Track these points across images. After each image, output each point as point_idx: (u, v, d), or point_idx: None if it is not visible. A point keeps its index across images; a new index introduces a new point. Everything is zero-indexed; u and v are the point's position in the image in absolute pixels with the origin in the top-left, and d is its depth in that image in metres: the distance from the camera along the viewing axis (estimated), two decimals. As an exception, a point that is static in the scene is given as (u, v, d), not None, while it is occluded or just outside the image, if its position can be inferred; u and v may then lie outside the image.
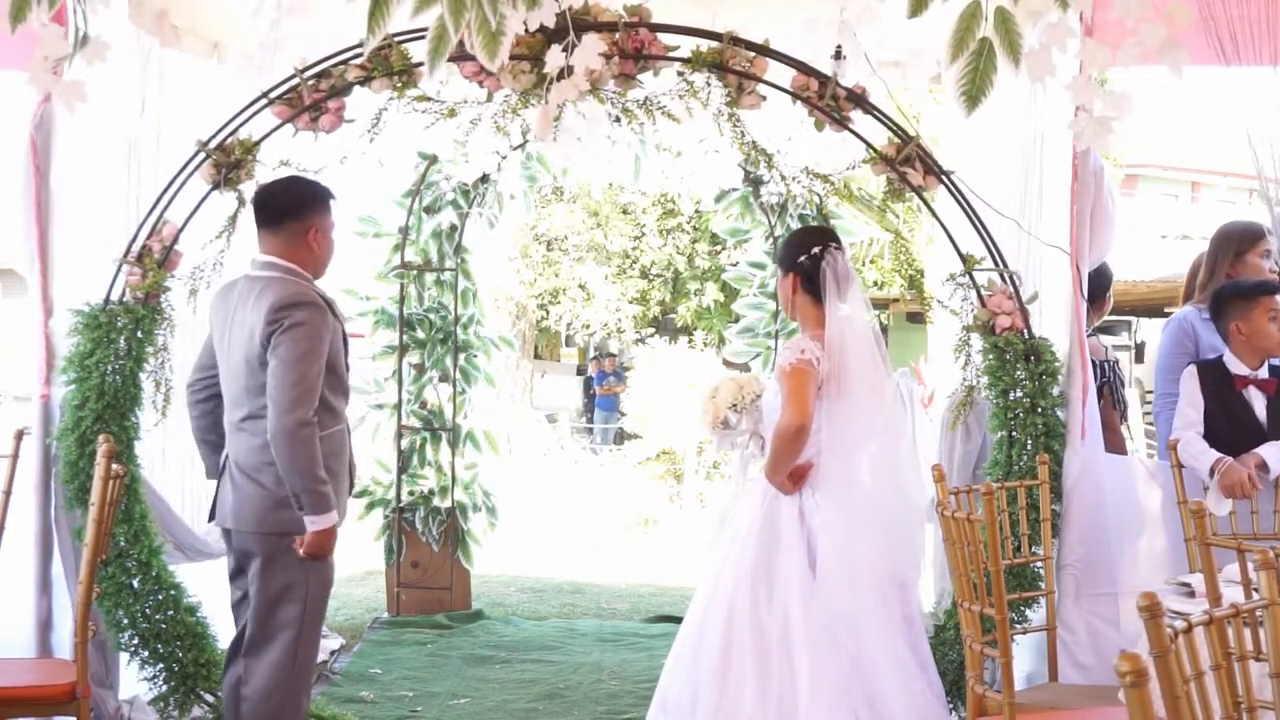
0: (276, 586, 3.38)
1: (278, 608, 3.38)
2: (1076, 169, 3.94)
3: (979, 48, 2.44)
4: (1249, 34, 3.51)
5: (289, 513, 3.32)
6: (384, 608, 6.31)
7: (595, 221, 17.29)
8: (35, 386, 4.01)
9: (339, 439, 3.47)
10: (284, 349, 3.26)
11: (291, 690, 3.41)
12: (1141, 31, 2.73)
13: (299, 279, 3.40)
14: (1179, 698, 1.75)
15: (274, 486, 3.33)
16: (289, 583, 3.37)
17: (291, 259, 3.42)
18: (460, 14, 2.27)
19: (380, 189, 6.00)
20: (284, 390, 3.24)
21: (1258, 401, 3.92)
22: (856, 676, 3.25)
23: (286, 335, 3.26)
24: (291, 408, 3.23)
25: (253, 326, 3.32)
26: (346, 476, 3.55)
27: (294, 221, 3.42)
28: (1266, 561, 2.01)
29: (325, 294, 3.48)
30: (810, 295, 3.45)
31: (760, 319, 6.22)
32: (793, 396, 3.29)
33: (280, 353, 3.26)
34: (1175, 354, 4.22)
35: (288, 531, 3.34)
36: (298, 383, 3.25)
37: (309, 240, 3.43)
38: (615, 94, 4.01)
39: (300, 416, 3.24)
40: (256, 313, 3.31)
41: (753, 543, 3.41)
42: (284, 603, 3.38)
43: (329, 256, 3.53)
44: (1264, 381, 3.93)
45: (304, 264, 3.44)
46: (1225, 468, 3.77)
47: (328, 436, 3.38)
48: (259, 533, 3.37)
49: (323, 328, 3.33)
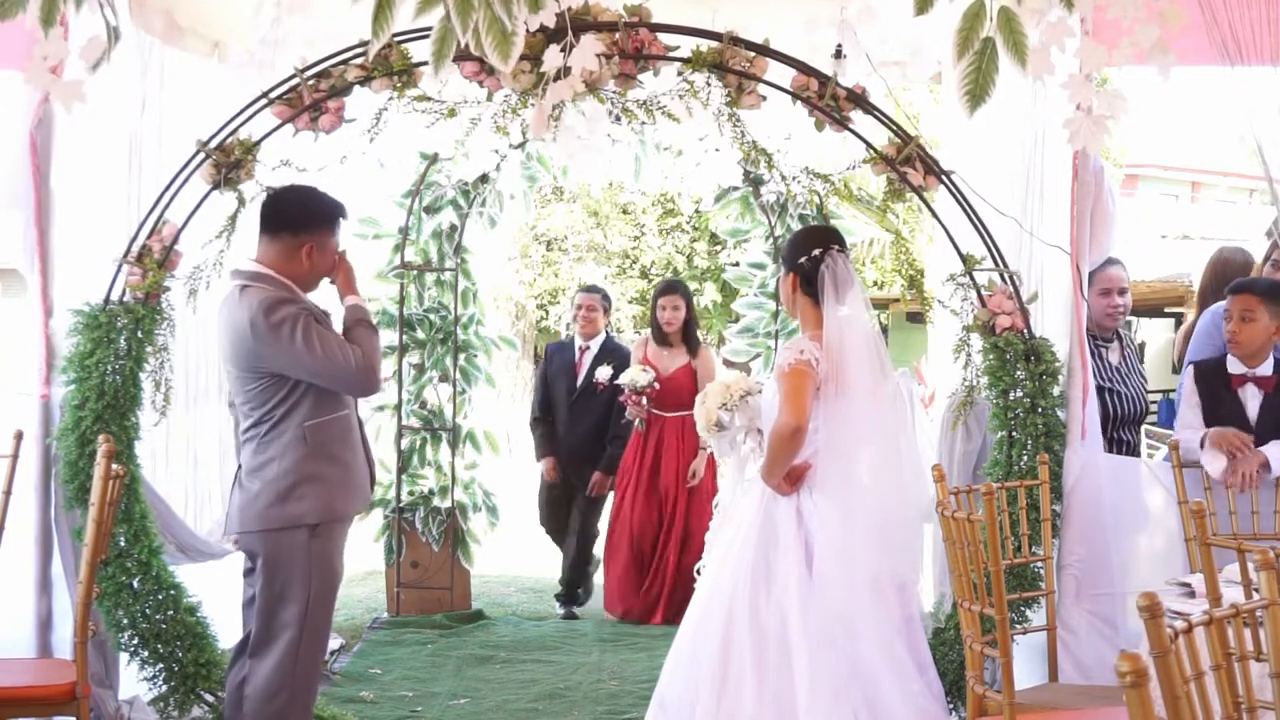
0: (279, 585, 3.38)
1: (280, 607, 3.38)
2: (1076, 169, 3.94)
3: (982, 47, 2.44)
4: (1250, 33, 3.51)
5: (289, 507, 3.32)
6: (384, 608, 6.31)
7: (595, 221, 17.30)
8: (35, 386, 4.01)
9: (344, 424, 3.46)
10: (290, 353, 3.27)
11: (295, 691, 3.40)
12: (1135, 32, 2.74)
13: (278, 288, 3.37)
14: (1179, 698, 1.74)
15: (276, 479, 3.33)
16: (291, 581, 3.37)
17: (280, 270, 3.41)
18: (467, 14, 2.27)
19: (380, 189, 6.00)
20: (328, 371, 3.30)
21: (1253, 400, 3.92)
22: (855, 677, 3.25)
23: (280, 339, 3.26)
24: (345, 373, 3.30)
25: (235, 339, 3.32)
26: (359, 467, 3.52)
27: (290, 235, 3.42)
28: (1266, 561, 2.01)
29: (315, 307, 3.45)
30: (809, 296, 3.46)
31: (760, 319, 6.22)
32: (790, 397, 3.29)
33: (292, 355, 3.27)
34: (1201, 344, 4.26)
35: (289, 525, 3.34)
36: (328, 358, 3.28)
37: (302, 255, 3.42)
38: (615, 94, 4.01)
39: (369, 381, 3.37)
40: (234, 328, 3.32)
41: (751, 543, 3.41)
42: (286, 602, 3.37)
43: (323, 272, 3.49)
44: (1263, 379, 3.93)
45: (292, 276, 3.42)
46: (1213, 431, 3.87)
47: (331, 421, 3.39)
48: (260, 530, 3.37)
49: (302, 312, 3.32)
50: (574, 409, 6.42)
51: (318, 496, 3.36)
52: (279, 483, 3.32)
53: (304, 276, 3.44)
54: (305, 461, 3.34)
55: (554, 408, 6.52)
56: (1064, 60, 2.73)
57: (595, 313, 6.53)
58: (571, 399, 6.42)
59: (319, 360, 3.28)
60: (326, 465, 3.39)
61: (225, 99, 4.17)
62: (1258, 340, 3.91)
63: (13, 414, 3.91)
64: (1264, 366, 3.94)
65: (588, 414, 6.40)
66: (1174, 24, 2.75)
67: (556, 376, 6.53)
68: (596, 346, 6.47)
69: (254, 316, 3.27)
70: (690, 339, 6.34)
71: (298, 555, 3.35)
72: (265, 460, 3.35)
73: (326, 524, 3.40)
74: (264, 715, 3.37)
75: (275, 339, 3.26)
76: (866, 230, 12.43)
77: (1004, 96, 2.93)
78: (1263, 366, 3.94)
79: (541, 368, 6.72)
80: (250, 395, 3.36)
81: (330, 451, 3.39)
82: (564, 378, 6.48)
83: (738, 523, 3.52)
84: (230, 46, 4.62)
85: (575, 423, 6.41)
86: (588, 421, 6.39)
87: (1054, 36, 2.60)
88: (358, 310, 3.47)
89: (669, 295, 6.33)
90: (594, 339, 6.50)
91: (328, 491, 3.38)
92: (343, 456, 3.43)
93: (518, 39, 2.34)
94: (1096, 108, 2.97)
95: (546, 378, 6.60)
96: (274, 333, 3.26)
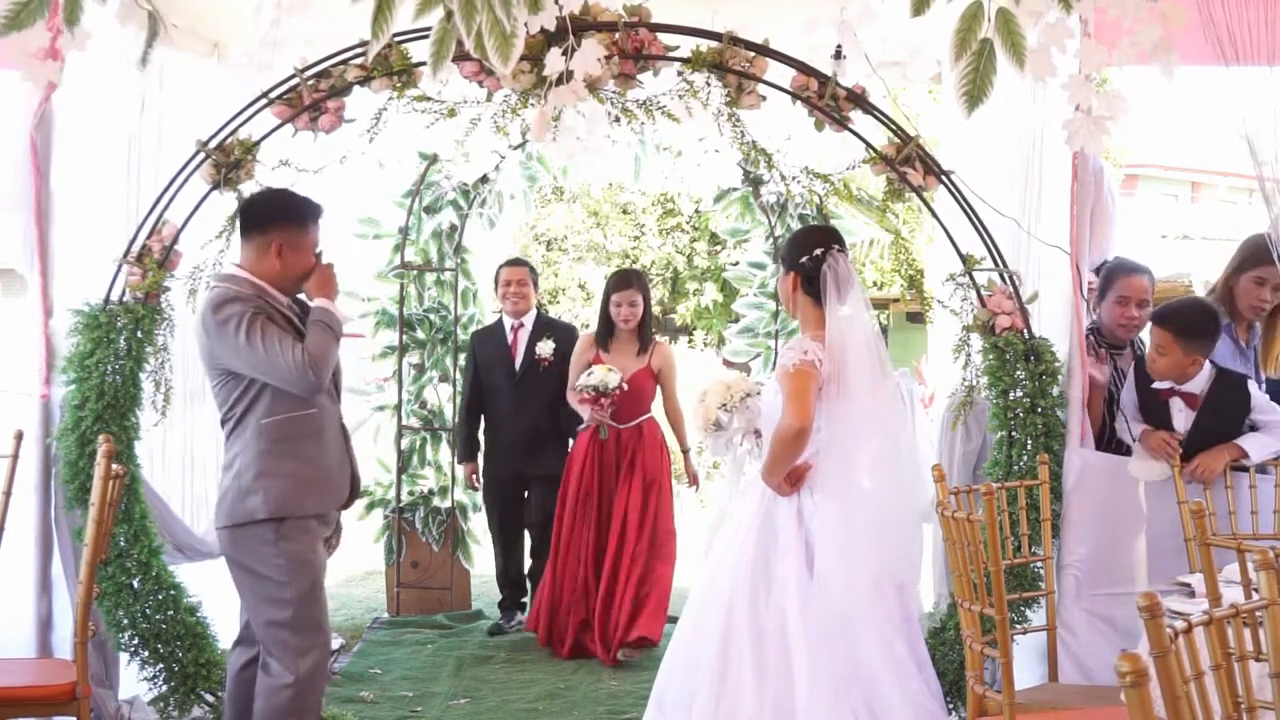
0: (251, 584, 3.39)
1: (268, 609, 3.37)
2: (1076, 169, 3.94)
3: (980, 48, 2.44)
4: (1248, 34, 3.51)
5: (247, 501, 3.34)
6: (384, 608, 6.32)
7: (595, 221, 17.31)
8: (35, 386, 4.01)
9: (310, 422, 3.42)
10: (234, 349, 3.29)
11: (300, 690, 3.39)
12: (1136, 32, 2.74)
13: (242, 287, 3.37)
14: (1179, 698, 1.75)
15: (238, 474, 3.35)
16: (265, 581, 3.36)
17: (253, 270, 3.41)
18: (471, 16, 2.27)
19: (380, 189, 6.01)
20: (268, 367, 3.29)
21: (1179, 413, 3.88)
22: (855, 677, 3.25)
23: (225, 335, 3.28)
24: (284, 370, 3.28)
25: (197, 336, 3.42)
26: (329, 466, 3.48)
27: (260, 234, 3.42)
28: (1266, 561, 2.01)
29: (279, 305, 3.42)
30: (810, 296, 3.45)
31: (760, 319, 6.22)
32: (794, 398, 3.28)
33: (236, 351, 3.29)
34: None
35: (246, 521, 3.34)
36: (268, 355, 3.27)
37: (273, 254, 3.41)
38: (615, 94, 4.01)
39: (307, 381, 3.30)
40: (197, 326, 3.41)
41: (751, 543, 3.41)
42: (273, 603, 3.36)
43: (299, 271, 3.45)
44: (1189, 395, 3.87)
45: (264, 275, 3.41)
46: (1147, 434, 3.89)
47: (293, 419, 3.37)
48: (224, 526, 3.39)
49: (250, 309, 3.31)
50: (519, 391, 5.82)
51: (271, 491, 3.33)
52: (240, 478, 3.35)
53: (277, 275, 3.42)
54: (262, 457, 3.35)
55: (490, 401, 5.91)
56: (1064, 61, 2.73)
57: (526, 287, 5.89)
58: (514, 382, 5.83)
59: (259, 357, 3.28)
60: (285, 461, 3.36)
61: (225, 99, 4.17)
62: (1171, 372, 3.86)
63: (13, 414, 3.91)
64: (1192, 384, 3.86)
65: (536, 395, 5.81)
66: (1176, 23, 2.75)
67: (490, 364, 5.91)
68: (530, 323, 5.90)
69: (204, 313, 3.35)
70: (644, 335, 5.61)
71: (263, 553, 3.33)
72: (232, 457, 3.40)
73: (293, 521, 3.36)
74: (271, 715, 3.37)
75: (221, 335, 3.29)
76: (866, 230, 12.44)
77: (1003, 97, 2.94)
78: (1190, 384, 3.87)
79: (469, 360, 6.02)
80: (216, 392, 3.43)
81: (292, 449, 3.37)
82: (499, 363, 5.88)
83: (737, 523, 3.52)
84: (230, 47, 4.62)
85: (522, 407, 5.81)
86: (537, 403, 5.81)
87: (1053, 37, 2.60)
88: (320, 312, 3.42)
89: (625, 290, 5.55)
90: (525, 315, 5.90)
91: (283, 487, 3.34)
92: (306, 453, 3.40)
93: (518, 40, 2.34)
94: (1096, 108, 2.97)
95: (477, 368, 5.94)
96: (220, 329, 3.29)
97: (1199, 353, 3.82)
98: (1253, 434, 3.84)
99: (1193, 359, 3.82)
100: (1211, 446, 3.83)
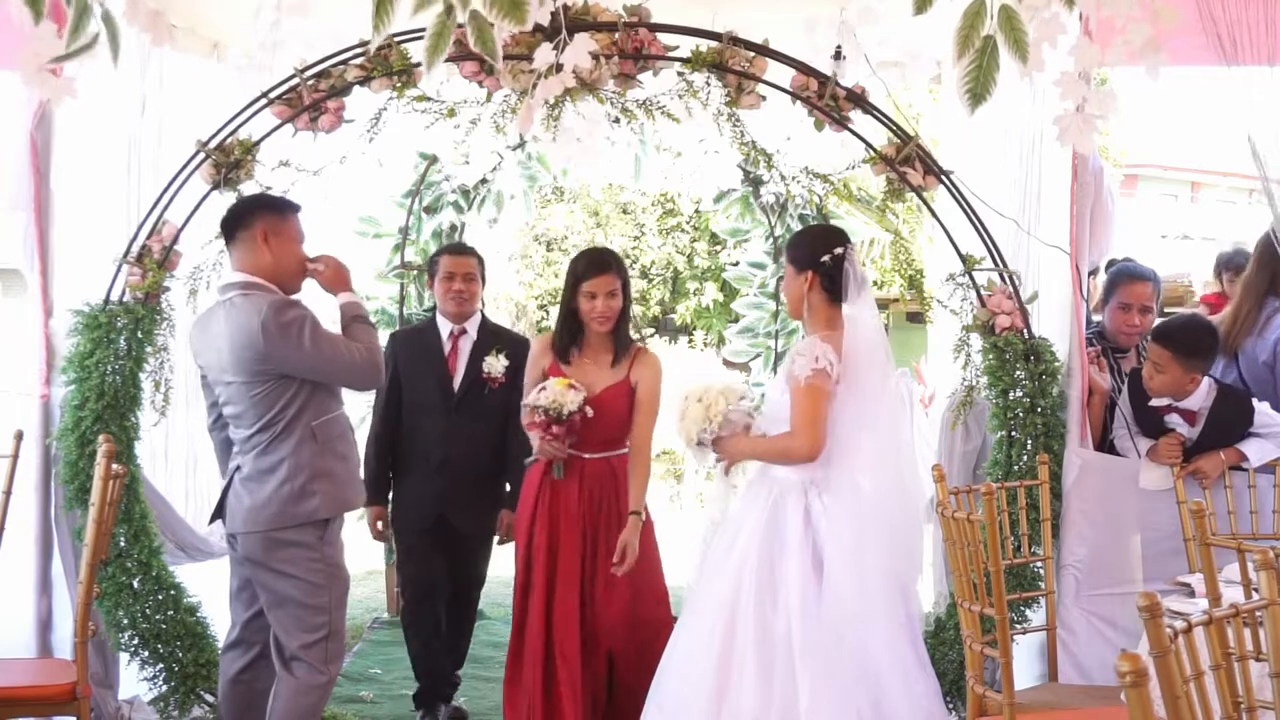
0: (289, 588, 3.38)
1: (306, 614, 3.37)
2: (1076, 169, 3.94)
3: (983, 46, 2.44)
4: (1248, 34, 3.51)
5: (304, 504, 3.34)
6: (384, 608, 6.31)
7: (595, 221, 17.30)
8: (35, 386, 4.01)
9: (343, 421, 3.52)
10: (300, 353, 3.30)
11: (325, 693, 3.44)
12: (1128, 30, 2.73)
13: (268, 292, 3.39)
14: (1179, 698, 1.75)
15: (289, 477, 3.35)
16: (306, 585, 3.37)
17: (254, 270, 3.41)
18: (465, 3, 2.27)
19: (380, 189, 6.01)
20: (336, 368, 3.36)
21: (1180, 427, 3.88)
22: (862, 679, 3.24)
23: (289, 339, 3.28)
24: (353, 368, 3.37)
25: (240, 345, 3.31)
26: (358, 462, 3.60)
27: (243, 229, 3.44)
28: (1266, 561, 2.01)
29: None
30: (828, 295, 3.41)
31: (760, 319, 6.23)
32: (806, 421, 3.24)
33: (301, 355, 3.30)
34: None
35: (302, 523, 3.36)
36: (336, 356, 3.34)
37: (261, 244, 3.41)
38: (615, 94, 4.01)
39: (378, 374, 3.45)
40: (240, 333, 3.31)
41: (755, 545, 3.38)
42: (313, 609, 3.38)
43: (291, 264, 3.47)
44: (1187, 412, 3.87)
45: (266, 273, 3.42)
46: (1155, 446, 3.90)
47: (333, 419, 3.45)
48: (270, 530, 3.36)
49: (308, 313, 3.36)
50: (456, 417, 4.31)
51: (328, 493, 3.39)
52: (292, 482, 3.34)
53: (272, 269, 3.43)
54: (317, 458, 3.38)
55: (413, 424, 4.37)
56: (1059, 58, 2.73)
57: (474, 284, 4.40)
58: (450, 404, 4.32)
59: (326, 359, 3.33)
60: (334, 461, 3.43)
61: (225, 99, 4.18)
62: (1169, 390, 3.85)
63: (13, 414, 3.92)
64: (1189, 400, 3.86)
65: (477, 421, 4.32)
66: (1169, 22, 2.74)
67: (417, 375, 4.38)
68: (475, 329, 4.41)
69: (265, 319, 3.28)
70: (621, 339, 3.91)
71: (305, 556, 3.35)
72: (275, 461, 3.34)
73: (331, 523, 3.42)
74: (302, 715, 3.38)
75: (284, 340, 3.28)
76: (866, 230, 12.43)
77: (1004, 97, 2.93)
78: (1188, 400, 3.86)
79: (389, 365, 4.30)
80: (255, 400, 3.35)
81: (335, 448, 3.44)
82: (432, 379, 4.36)
83: (739, 524, 3.49)
84: (230, 47, 4.62)
85: (455, 438, 4.29)
86: (477, 433, 4.32)
87: (1046, 33, 2.60)
88: (353, 307, 3.51)
89: (602, 275, 3.81)
90: (470, 320, 4.42)
91: (337, 487, 3.42)
92: (345, 452, 3.49)
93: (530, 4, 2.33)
94: (1088, 106, 2.96)
95: (398, 378, 4.38)
96: (283, 333, 3.28)
97: (1198, 371, 3.84)
98: (1254, 439, 3.84)
99: (1191, 376, 3.83)
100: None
